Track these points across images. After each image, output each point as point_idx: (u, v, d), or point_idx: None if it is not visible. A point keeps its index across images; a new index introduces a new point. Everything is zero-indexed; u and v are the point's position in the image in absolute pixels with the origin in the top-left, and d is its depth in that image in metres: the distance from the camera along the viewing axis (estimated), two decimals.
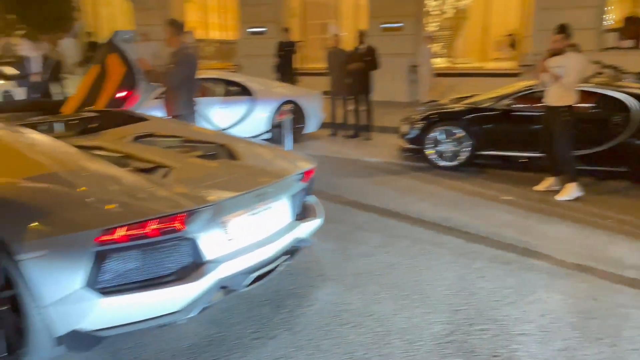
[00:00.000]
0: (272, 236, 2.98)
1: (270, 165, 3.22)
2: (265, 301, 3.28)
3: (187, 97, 5.18)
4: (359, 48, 8.70)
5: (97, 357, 2.69)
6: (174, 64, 5.00)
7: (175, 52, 5.06)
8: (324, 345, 2.81)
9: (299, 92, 9.11)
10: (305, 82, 11.93)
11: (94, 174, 2.63)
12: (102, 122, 4.04)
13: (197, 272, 2.50)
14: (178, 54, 5.04)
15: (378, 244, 4.24)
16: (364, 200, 5.46)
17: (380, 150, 8.17)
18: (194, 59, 5.30)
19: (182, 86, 5.10)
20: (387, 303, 3.27)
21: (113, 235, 2.25)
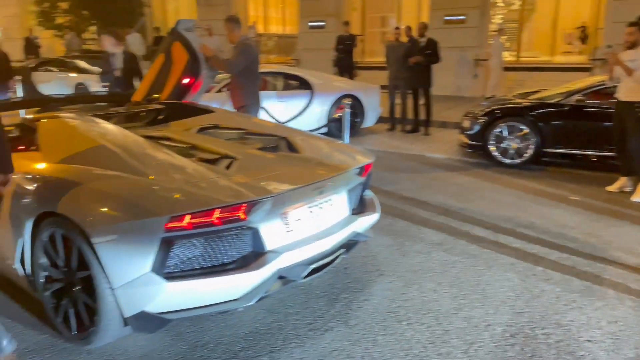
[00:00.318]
0: (329, 229, 3.00)
1: (329, 159, 3.23)
2: (322, 293, 3.31)
3: (251, 89, 5.28)
4: (420, 41, 8.54)
5: (160, 339, 2.80)
6: (235, 54, 5.14)
7: (236, 45, 5.19)
8: (380, 341, 2.80)
9: (357, 86, 9.08)
10: (364, 76, 11.86)
11: (162, 163, 2.73)
12: (169, 114, 4.19)
13: (257, 261, 2.55)
14: (238, 46, 5.17)
15: (436, 241, 4.17)
16: (422, 196, 5.37)
17: (439, 145, 8.01)
18: (255, 50, 5.40)
19: (245, 78, 5.21)
20: (445, 301, 3.21)
21: (180, 222, 2.34)
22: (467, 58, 12.51)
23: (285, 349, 2.72)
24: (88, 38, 18.82)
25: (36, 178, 2.85)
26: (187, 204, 2.38)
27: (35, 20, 18.36)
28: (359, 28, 15.09)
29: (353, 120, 8.50)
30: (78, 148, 2.95)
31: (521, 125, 6.48)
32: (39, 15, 18.13)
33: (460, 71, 12.64)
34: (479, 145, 6.81)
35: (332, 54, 11.70)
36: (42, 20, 18.02)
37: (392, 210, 4.90)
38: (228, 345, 2.76)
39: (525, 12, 14.16)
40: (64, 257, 2.68)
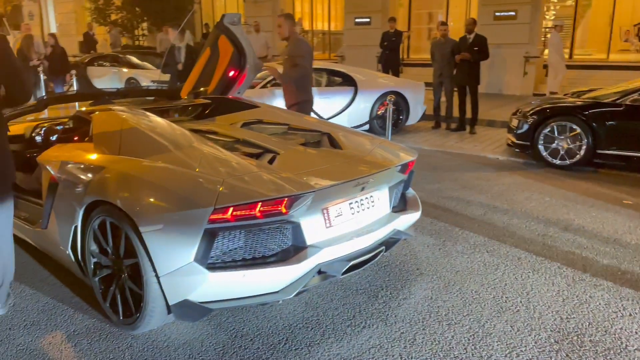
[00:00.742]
0: (370, 226, 2.98)
1: (371, 155, 3.21)
2: (361, 290, 3.30)
3: (303, 86, 5.29)
4: (468, 37, 8.36)
5: (202, 328, 2.87)
6: (292, 56, 5.14)
7: (291, 44, 5.21)
8: (419, 340, 2.77)
9: (401, 83, 8.98)
10: (410, 73, 11.74)
11: (207, 156, 2.79)
12: (215, 108, 4.28)
13: (297, 255, 2.57)
14: (295, 46, 5.18)
15: (479, 242, 4.08)
16: (465, 196, 5.27)
17: (485, 144, 7.82)
18: (309, 46, 5.43)
19: (305, 74, 5.23)
20: (487, 304, 3.14)
21: (224, 214, 2.38)
22: (516, 55, 12.14)
23: (324, 344, 2.73)
24: (140, 34, 19.45)
25: (89, 167, 2.97)
26: (231, 196, 2.42)
27: (90, 16, 19.11)
28: (405, 24, 14.91)
29: (397, 118, 8.43)
30: (128, 140, 3.05)
31: (573, 125, 6.24)
32: (93, 12, 18.86)
33: (510, 68, 12.28)
34: (528, 144, 6.60)
35: (377, 50, 11.62)
36: (96, 16, 18.73)
37: (434, 209, 4.83)
38: (267, 337, 2.80)
39: (581, 8, 13.62)
40: (112, 244, 2.79)
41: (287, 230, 2.59)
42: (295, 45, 5.18)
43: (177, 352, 2.66)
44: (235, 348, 2.69)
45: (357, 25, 15.24)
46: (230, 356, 2.63)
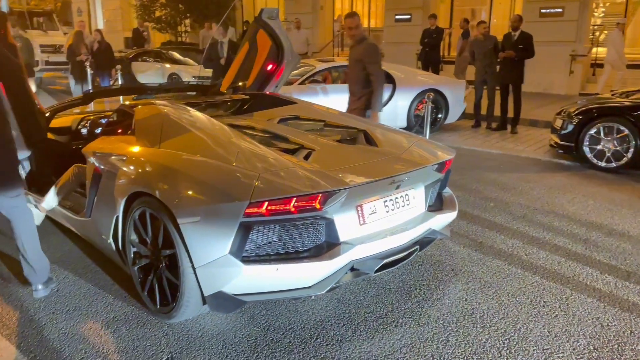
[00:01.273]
0: (404, 225, 2.96)
1: (408, 153, 3.18)
2: (394, 289, 3.28)
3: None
4: (513, 35, 8.14)
5: (235, 320, 2.92)
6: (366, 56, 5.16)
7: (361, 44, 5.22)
8: (452, 341, 2.73)
9: (441, 80, 8.84)
10: (451, 71, 11.53)
11: (244, 151, 2.83)
12: (253, 104, 4.33)
13: (330, 251, 2.58)
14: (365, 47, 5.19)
15: (518, 245, 3.98)
16: (504, 197, 5.15)
17: (527, 145, 7.62)
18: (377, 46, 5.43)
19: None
20: (524, 308, 3.06)
21: (259, 209, 2.41)
22: (562, 53, 11.75)
23: (355, 340, 2.73)
24: (182, 31, 19.85)
25: (130, 160, 3.06)
26: (266, 191, 2.45)
27: (135, 13, 19.64)
28: (446, 21, 14.67)
29: (435, 116, 8.32)
30: (169, 133, 3.13)
31: (620, 127, 5.99)
32: (139, 9, 19.37)
33: (555, 67, 11.90)
34: (572, 146, 6.39)
35: (417, 47, 11.48)
36: (142, 13, 19.23)
37: (471, 209, 4.75)
38: (299, 331, 2.82)
39: (631, 6, 13.04)
40: (151, 235, 2.86)
41: (320, 226, 2.60)
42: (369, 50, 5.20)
43: (211, 342, 2.71)
44: (267, 341, 2.73)
45: (397, 22, 15.09)
46: (262, 349, 2.66)
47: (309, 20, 16.76)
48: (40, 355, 2.59)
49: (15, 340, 2.72)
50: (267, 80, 4.82)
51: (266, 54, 4.73)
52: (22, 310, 3.02)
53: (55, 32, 15.92)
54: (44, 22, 16.71)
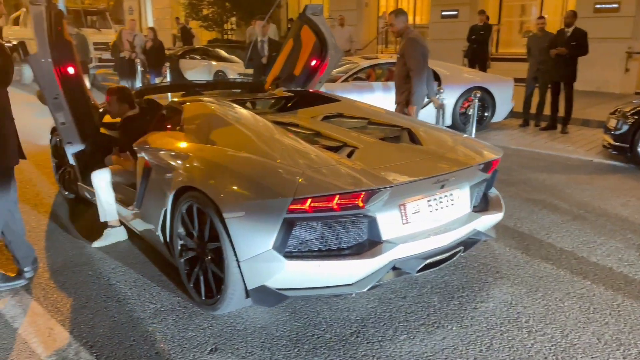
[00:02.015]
0: (448, 225, 2.92)
1: (453, 152, 3.13)
2: (436, 289, 3.24)
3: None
4: (566, 31, 7.85)
5: (277, 314, 2.96)
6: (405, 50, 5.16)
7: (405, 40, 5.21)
8: (496, 345, 2.68)
9: (488, 78, 8.64)
10: (499, 68, 11.26)
11: (288, 148, 2.86)
12: (297, 101, 4.36)
13: (372, 249, 2.58)
14: (408, 43, 5.18)
15: (567, 248, 3.85)
16: (554, 198, 4.99)
17: (578, 145, 7.35)
18: (423, 42, 5.36)
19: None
20: (572, 314, 2.96)
21: (302, 205, 2.44)
22: (618, 50, 11.25)
23: (396, 340, 2.72)
24: (228, 29, 20.20)
25: (178, 155, 3.15)
26: (309, 188, 2.47)
27: (184, 11, 20.12)
28: (495, 17, 14.30)
29: (482, 114, 8.14)
30: (215, 130, 3.20)
31: None
32: (186, 7, 19.83)
33: (610, 65, 11.41)
34: (626, 147, 6.11)
35: (464, 44, 11.24)
36: (190, 11, 19.69)
37: (519, 210, 4.63)
38: (339, 328, 2.83)
39: None
40: (198, 228, 2.94)
41: (363, 224, 2.60)
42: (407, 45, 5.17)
43: (253, 335, 2.76)
44: (307, 336, 2.75)
45: (443, 19, 14.83)
46: (303, 344, 2.69)
47: (354, 17, 16.70)
48: (91, 341, 2.71)
49: (68, 326, 2.85)
50: (311, 76, 4.85)
51: (310, 49, 4.76)
52: (75, 297, 3.16)
53: (108, 30, 16.53)
54: (97, 20, 17.37)
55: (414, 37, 5.27)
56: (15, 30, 15.55)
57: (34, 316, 2.93)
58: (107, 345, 2.67)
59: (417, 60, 5.16)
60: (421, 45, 5.24)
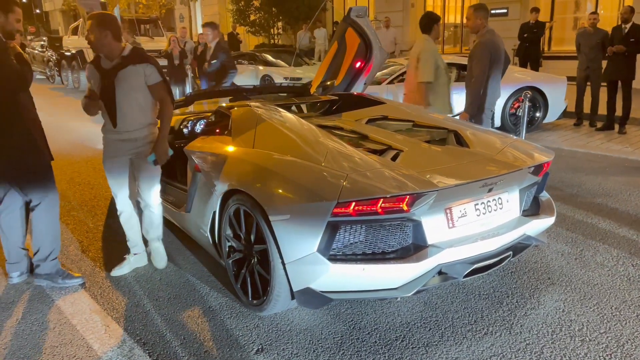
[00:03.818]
0: (497, 229, 2.86)
1: (501, 155, 3.06)
2: (484, 295, 3.17)
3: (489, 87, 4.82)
4: (623, 27, 7.51)
5: (322, 316, 2.98)
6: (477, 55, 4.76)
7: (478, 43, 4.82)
8: (547, 354, 2.59)
9: (539, 77, 8.36)
10: (551, 67, 10.88)
11: (332, 151, 2.88)
12: (342, 104, 4.38)
13: (417, 253, 2.56)
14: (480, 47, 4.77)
15: (623, 255, 3.68)
16: (610, 202, 4.77)
17: (637, 146, 7.00)
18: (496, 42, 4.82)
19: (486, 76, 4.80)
20: (629, 323, 2.83)
21: (347, 209, 2.45)
22: None
23: (442, 345, 2.69)
24: (275, 33, 20.48)
25: (227, 159, 3.23)
26: (353, 191, 2.48)
27: (232, 17, 20.56)
28: (547, 13, 13.83)
29: (533, 115, 7.89)
30: (262, 134, 3.26)
31: None
32: (235, 13, 20.26)
33: None
34: None
35: (514, 43, 10.94)
36: (238, 17, 20.10)
37: (572, 215, 4.46)
38: (384, 332, 2.82)
39: None
40: (245, 230, 3.01)
41: (407, 228, 2.58)
42: (476, 49, 4.78)
43: (299, 336, 2.80)
44: (352, 339, 2.76)
45: (492, 17, 14.45)
46: (347, 347, 2.70)
47: (399, 18, 16.58)
48: (145, 339, 2.82)
49: (123, 323, 2.98)
50: (356, 78, 4.85)
51: (355, 51, 4.77)
52: (130, 296, 3.30)
53: (160, 37, 17.10)
54: (150, 28, 18.01)
55: (485, 42, 4.77)
56: (74, 40, 16.33)
57: (91, 313, 3.08)
58: (159, 343, 2.77)
59: (481, 67, 4.71)
60: (490, 50, 4.73)
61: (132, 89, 3.26)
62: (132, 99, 3.28)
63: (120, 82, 3.24)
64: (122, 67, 3.24)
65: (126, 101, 3.27)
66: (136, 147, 3.40)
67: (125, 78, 3.24)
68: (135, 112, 3.32)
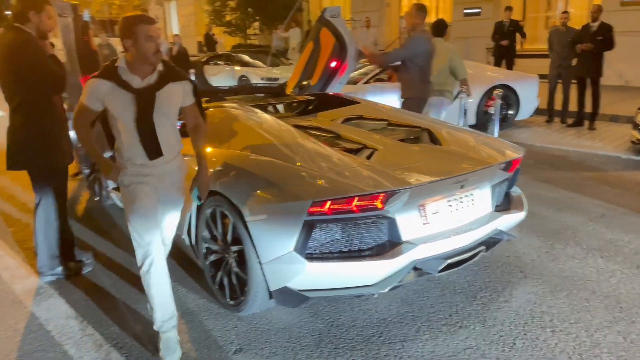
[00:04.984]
0: (469, 225, 2.92)
1: (473, 152, 3.13)
2: (459, 290, 3.24)
3: (411, 83, 5.11)
4: (591, 26, 7.70)
5: (300, 315, 3.01)
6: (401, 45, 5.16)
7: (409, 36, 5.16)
8: (519, 345, 2.67)
9: (512, 75, 8.52)
10: (524, 65, 11.08)
11: (309, 151, 2.91)
12: (318, 104, 4.41)
13: (392, 250, 2.60)
14: (407, 39, 5.15)
15: (593, 247, 3.79)
16: (580, 196, 4.90)
17: (606, 141, 7.20)
18: (425, 44, 5.08)
19: (406, 71, 5.09)
20: (598, 313, 2.93)
21: (323, 207, 2.48)
22: None
23: (418, 340, 2.74)
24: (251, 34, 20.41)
25: None
26: (329, 190, 2.51)
27: (208, 18, 20.43)
28: (519, 13, 14.08)
29: (506, 112, 8.04)
30: (237, 135, 3.27)
31: None
32: (211, 14, 20.12)
33: (638, 59, 11.11)
34: None
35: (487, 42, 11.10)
36: (214, 18, 19.97)
37: (544, 209, 4.57)
38: (362, 328, 2.86)
39: None
40: (222, 231, 3.01)
41: (382, 225, 2.62)
42: (405, 43, 5.14)
43: (277, 335, 2.82)
44: (330, 337, 2.79)
45: (466, 16, 14.69)
46: (325, 344, 2.73)
47: (375, 18, 16.68)
48: (121, 342, 2.81)
49: (100, 328, 2.96)
50: (332, 77, 4.89)
51: (330, 51, 4.81)
52: (107, 300, 3.27)
53: None
54: None
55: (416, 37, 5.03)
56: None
57: (67, 319, 3.05)
58: (137, 346, 2.76)
59: (400, 51, 5.19)
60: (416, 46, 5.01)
61: (172, 112, 2.61)
62: (170, 124, 2.61)
63: (160, 104, 2.51)
64: (160, 85, 2.52)
65: (165, 127, 2.56)
66: (171, 181, 2.70)
67: (166, 99, 2.53)
68: (172, 139, 2.64)
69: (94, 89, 2.49)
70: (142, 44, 2.43)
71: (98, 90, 2.48)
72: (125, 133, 2.52)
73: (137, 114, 2.47)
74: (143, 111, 2.48)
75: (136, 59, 2.47)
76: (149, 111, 2.48)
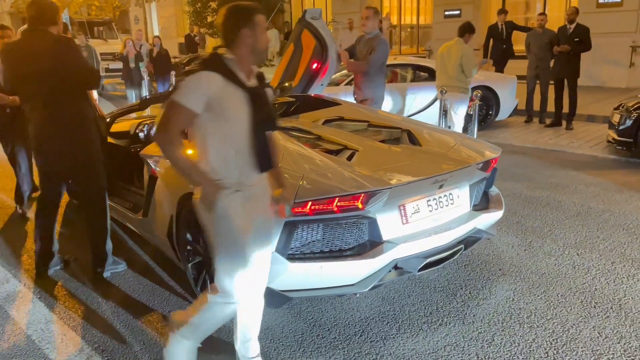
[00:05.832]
0: (448, 224, 2.97)
1: (452, 152, 3.18)
2: (439, 288, 3.29)
3: (378, 83, 5.36)
4: (568, 27, 7.85)
5: (283, 315, 3.03)
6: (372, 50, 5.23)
7: (373, 39, 5.30)
8: (498, 341, 2.72)
9: (491, 77, 8.64)
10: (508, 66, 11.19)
11: (291, 152, 2.93)
12: (299, 106, 4.43)
13: (373, 250, 2.64)
14: (376, 42, 5.27)
15: (570, 244, 3.88)
16: (557, 195, 5.01)
17: (583, 141, 7.35)
18: (387, 44, 5.48)
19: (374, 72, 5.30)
20: (574, 309, 3.00)
21: (304, 208, 2.50)
22: (621, 45, 11.20)
23: (399, 338, 2.78)
24: None
25: None
26: (309, 191, 2.54)
27: (189, 19, 20.30)
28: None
29: (485, 113, 8.15)
30: None
31: None
32: (192, 15, 20.00)
33: (614, 60, 11.37)
34: (630, 142, 6.12)
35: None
36: (195, 19, 19.85)
37: (522, 208, 4.65)
38: (344, 327, 2.89)
39: None
40: (202, 233, 3.01)
41: (363, 225, 2.66)
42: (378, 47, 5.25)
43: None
44: (312, 336, 2.82)
45: (446, 18, 14.84)
46: (308, 344, 2.75)
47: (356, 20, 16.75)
48: (103, 346, 2.79)
49: (80, 331, 2.94)
50: (313, 79, 4.92)
51: (311, 53, 4.84)
52: (87, 303, 3.24)
53: (114, 40, 16.70)
54: (104, 30, 17.56)
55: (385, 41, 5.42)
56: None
57: (47, 323, 3.02)
58: (118, 349, 2.75)
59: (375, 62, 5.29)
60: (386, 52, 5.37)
61: None
62: None
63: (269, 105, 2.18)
64: (263, 86, 2.18)
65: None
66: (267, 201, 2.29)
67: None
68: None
69: (202, 84, 1.96)
70: (262, 35, 2.06)
71: (209, 85, 1.96)
72: (235, 142, 2.06)
73: (252, 116, 2.04)
74: (262, 111, 2.07)
75: (246, 54, 2.06)
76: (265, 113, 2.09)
